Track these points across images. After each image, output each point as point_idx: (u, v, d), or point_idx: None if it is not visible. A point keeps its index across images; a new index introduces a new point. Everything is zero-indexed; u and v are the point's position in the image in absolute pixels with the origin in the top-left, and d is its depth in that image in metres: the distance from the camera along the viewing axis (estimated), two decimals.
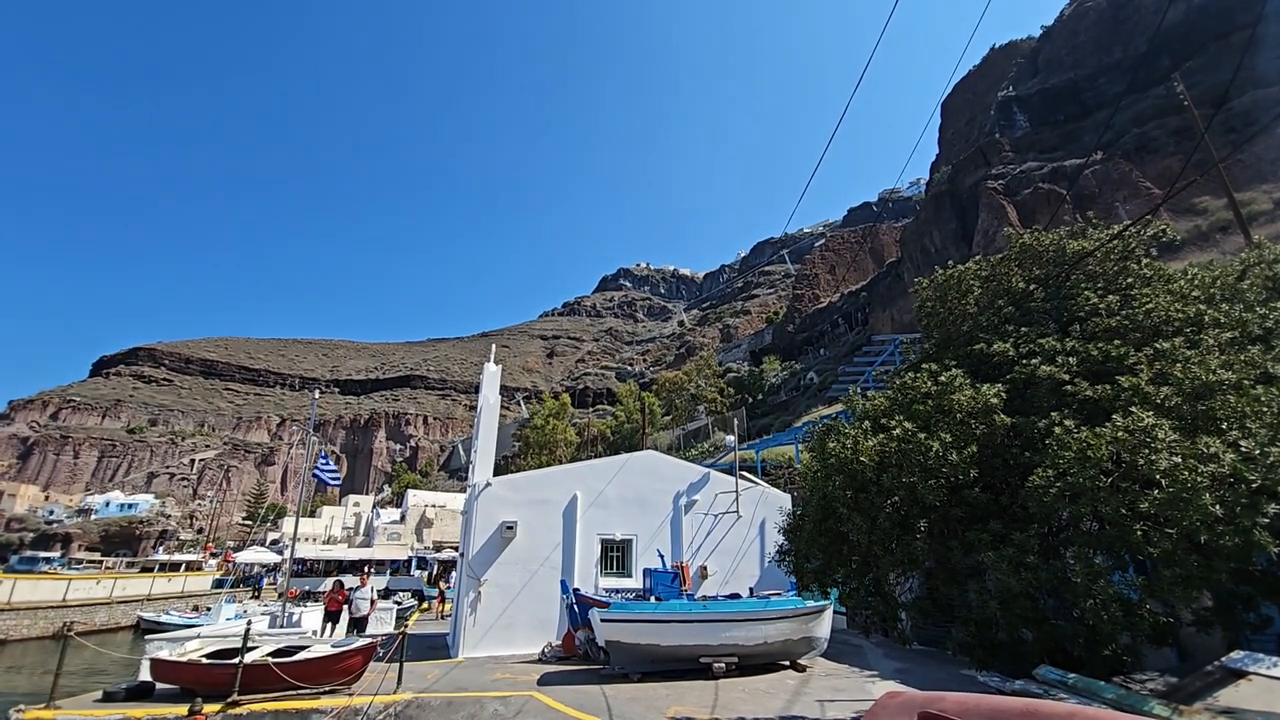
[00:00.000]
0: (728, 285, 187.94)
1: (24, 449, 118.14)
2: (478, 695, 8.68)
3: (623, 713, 7.66)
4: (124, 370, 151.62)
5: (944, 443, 7.08)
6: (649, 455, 17.11)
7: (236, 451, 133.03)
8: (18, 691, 16.64)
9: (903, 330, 40.04)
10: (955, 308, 10.65)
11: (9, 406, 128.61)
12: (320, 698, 8.55)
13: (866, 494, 7.36)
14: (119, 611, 31.50)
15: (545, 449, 50.53)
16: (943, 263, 12.42)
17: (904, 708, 3.48)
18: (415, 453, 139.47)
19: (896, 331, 40.66)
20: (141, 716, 7.87)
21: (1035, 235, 10.89)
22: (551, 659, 12.04)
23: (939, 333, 10.66)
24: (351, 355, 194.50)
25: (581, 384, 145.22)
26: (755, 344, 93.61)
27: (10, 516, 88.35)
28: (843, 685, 9.21)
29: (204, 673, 8.70)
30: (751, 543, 16.04)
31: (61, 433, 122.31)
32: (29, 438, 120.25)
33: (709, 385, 60.78)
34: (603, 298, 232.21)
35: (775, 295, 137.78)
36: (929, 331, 11.18)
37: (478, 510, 13.83)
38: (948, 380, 7.77)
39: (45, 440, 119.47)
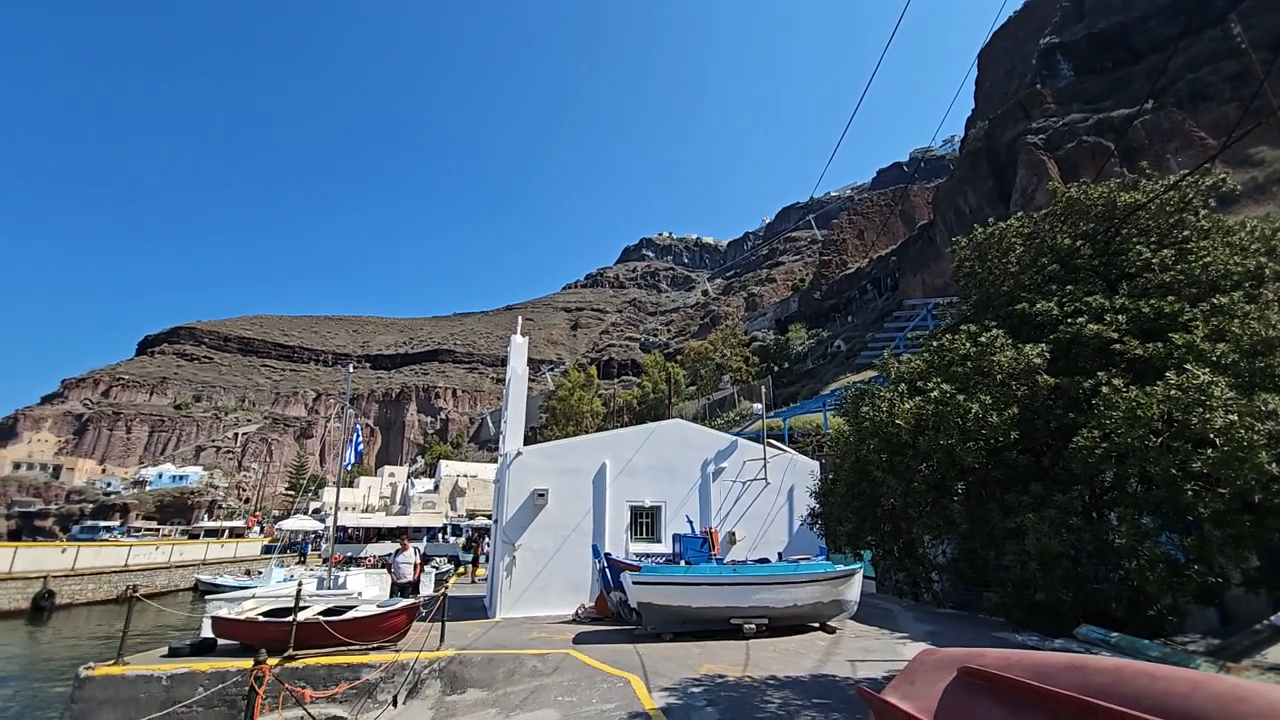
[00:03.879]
0: (752, 253, 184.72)
1: (79, 425, 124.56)
2: (516, 652, 8.99)
3: (656, 669, 7.86)
4: (167, 349, 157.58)
5: (983, 404, 6.90)
6: (676, 424, 17.16)
7: (276, 425, 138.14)
8: (86, 651, 17.90)
9: (935, 295, 38.92)
10: (996, 267, 10.26)
11: (62, 385, 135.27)
12: (369, 653, 8.97)
13: (902, 457, 7.26)
14: (177, 575, 33.47)
15: (572, 420, 51.13)
16: (977, 224, 11.92)
17: (942, 664, 3.36)
18: (445, 425, 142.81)
19: (928, 296, 39.53)
20: (206, 669, 8.37)
21: (1083, 188, 10.34)
22: (585, 619, 12.37)
23: (978, 293, 10.31)
24: (381, 331, 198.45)
25: (606, 355, 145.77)
26: (781, 312, 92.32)
27: (70, 489, 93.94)
28: (873, 646, 9.27)
29: (261, 630, 9.19)
30: (780, 509, 16.09)
31: (113, 409, 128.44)
32: (83, 414, 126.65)
33: (734, 355, 60.40)
34: (625, 268, 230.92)
35: (801, 262, 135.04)
36: (967, 293, 10.82)
37: (510, 479, 14.12)
38: (988, 341, 7.53)
39: (99, 416, 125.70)
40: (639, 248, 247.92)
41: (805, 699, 6.43)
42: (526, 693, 7.37)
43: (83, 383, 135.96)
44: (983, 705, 2.70)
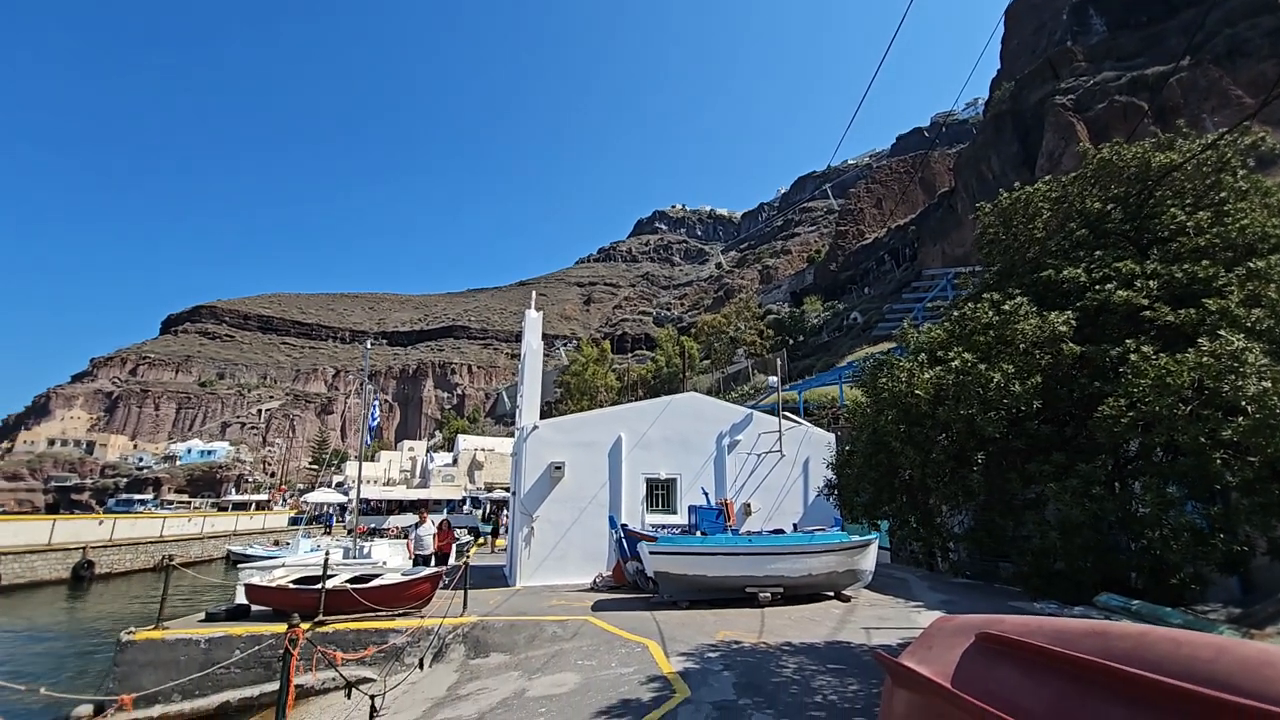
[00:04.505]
0: (767, 224, 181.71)
1: (109, 403, 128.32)
2: (537, 619, 9.23)
3: (673, 635, 8.01)
4: (190, 328, 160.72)
5: (1006, 374, 6.77)
6: (691, 397, 17.17)
7: (298, 401, 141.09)
8: (126, 616, 18.72)
9: (955, 264, 38.07)
10: (1021, 233, 9.95)
11: (91, 364, 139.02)
12: (396, 619, 9.27)
13: (921, 427, 7.19)
14: (209, 546, 34.73)
15: (586, 395, 51.46)
16: (1002, 189, 11.52)
17: (959, 630, 3.34)
18: (462, 400, 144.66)
19: (948, 266, 38.65)
20: (242, 634, 8.73)
21: (1116, 149, 9.91)
22: (603, 588, 12.62)
23: (1001, 261, 10.03)
24: (396, 308, 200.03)
25: (619, 330, 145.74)
26: (796, 284, 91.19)
27: (104, 464, 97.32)
28: (888, 615, 9.35)
29: (292, 596, 9.54)
30: (795, 480, 16.13)
31: (141, 387, 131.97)
32: (113, 392, 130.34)
33: (748, 328, 60.00)
34: (638, 242, 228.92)
35: (817, 233, 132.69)
36: (990, 260, 10.54)
37: (527, 452, 14.29)
38: (1011, 309, 7.35)
39: (128, 394, 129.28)
40: (651, 220, 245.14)
41: (820, 664, 6.52)
42: (547, 657, 7.58)
43: (111, 361, 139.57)
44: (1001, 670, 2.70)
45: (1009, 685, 2.50)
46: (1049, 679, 2.36)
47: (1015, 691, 2.44)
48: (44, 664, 13.61)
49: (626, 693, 5.79)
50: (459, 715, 5.87)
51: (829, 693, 5.59)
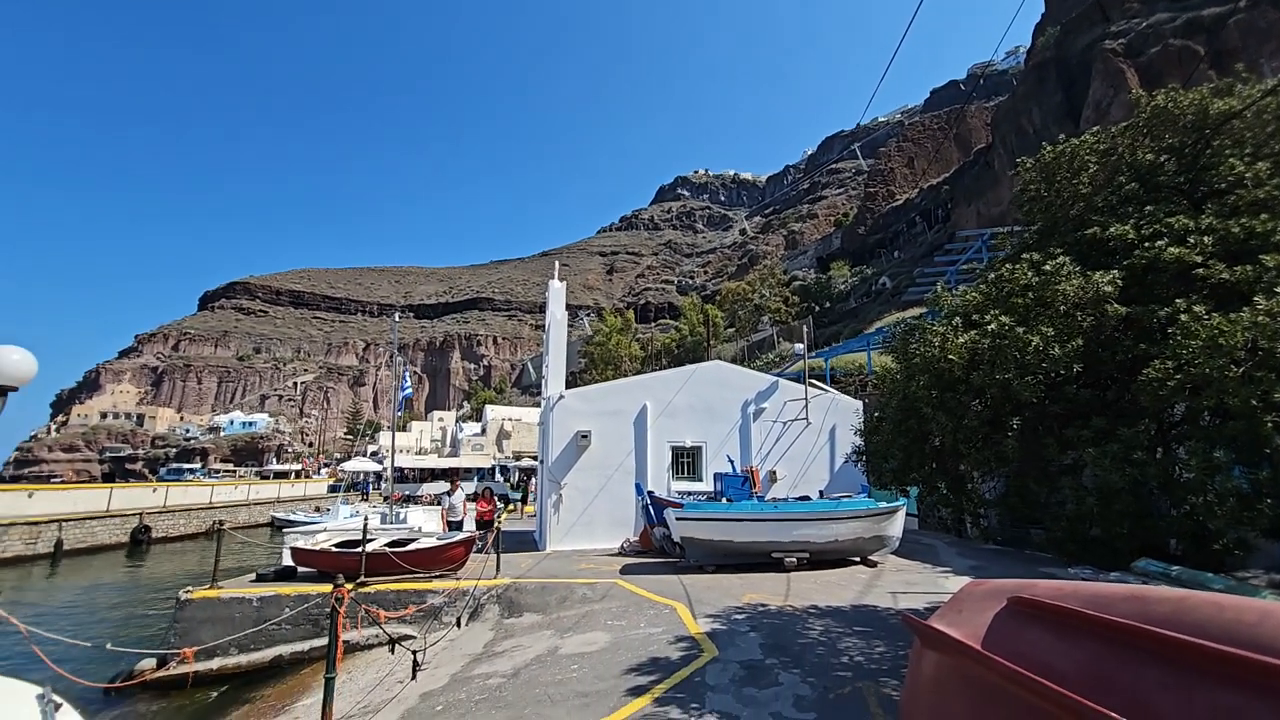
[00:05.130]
0: (792, 187, 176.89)
1: (155, 377, 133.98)
2: (567, 581, 9.51)
3: (700, 598, 8.18)
4: (225, 304, 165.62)
5: (1045, 337, 6.54)
6: (716, 365, 17.12)
7: (331, 374, 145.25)
8: (183, 577, 19.88)
9: (991, 225, 36.61)
10: (1065, 189, 9.44)
11: (136, 340, 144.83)
12: (433, 581, 9.66)
13: (954, 393, 7.03)
14: (255, 512, 36.49)
15: (610, 365, 51.66)
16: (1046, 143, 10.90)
17: (991, 594, 3.30)
18: (488, 371, 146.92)
19: (983, 227, 37.18)
20: (291, 593, 9.21)
21: (1171, 96, 9.25)
22: (630, 553, 12.91)
23: (1043, 219, 9.56)
24: (421, 280, 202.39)
25: (642, 299, 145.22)
26: (822, 250, 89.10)
27: (154, 435, 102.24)
28: (915, 580, 9.36)
29: (335, 559, 10.01)
30: (821, 448, 16.07)
31: (184, 362, 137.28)
32: (158, 367, 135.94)
33: (773, 295, 59.10)
34: (660, 209, 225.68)
35: (845, 195, 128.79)
36: (1030, 218, 10.06)
37: (553, 421, 14.50)
38: (1053, 270, 7.04)
39: (172, 369, 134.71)
40: (674, 187, 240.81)
41: (846, 627, 6.59)
42: (578, 617, 7.82)
43: (154, 337, 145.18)
44: (1034, 633, 2.67)
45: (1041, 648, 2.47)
46: (1084, 642, 2.32)
47: (1048, 654, 2.41)
48: (109, 621, 14.62)
49: (656, 651, 5.96)
50: (496, 670, 6.13)
51: (855, 654, 5.66)
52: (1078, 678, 2.14)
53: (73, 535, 24.12)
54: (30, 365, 3.99)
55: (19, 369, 3.92)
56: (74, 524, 24.40)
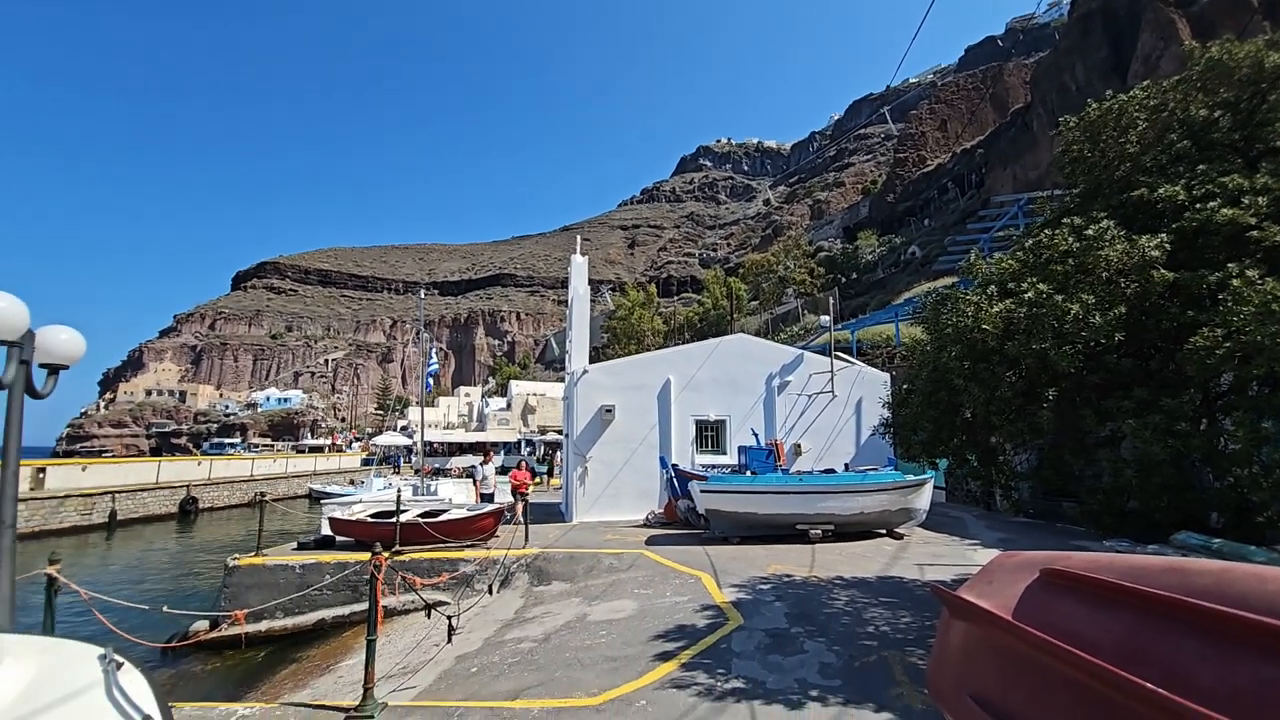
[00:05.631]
0: (818, 155, 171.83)
1: (194, 355, 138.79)
2: (594, 551, 9.71)
3: (725, 568, 8.28)
4: (257, 283, 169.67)
5: (1085, 305, 6.28)
6: (740, 339, 17.00)
7: (360, 351, 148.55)
8: (229, 545, 20.87)
9: (1028, 189, 35.07)
10: (1110, 148, 8.94)
11: (175, 320, 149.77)
12: (464, 550, 9.97)
13: (987, 364, 6.85)
14: (294, 484, 37.97)
15: (633, 339, 51.70)
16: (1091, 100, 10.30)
17: (1023, 566, 3.25)
18: (512, 347, 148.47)
19: (1020, 191, 35.64)
20: (330, 560, 9.62)
21: (1225, 47, 8.64)
22: (655, 524, 13.10)
23: (1086, 181, 9.10)
24: (445, 258, 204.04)
25: (664, 273, 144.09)
26: (849, 219, 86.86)
27: (196, 411, 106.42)
28: (942, 552, 9.32)
29: (371, 528, 10.40)
30: (847, 421, 15.94)
31: (220, 340, 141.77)
32: (196, 345, 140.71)
33: (798, 266, 58.09)
34: (682, 181, 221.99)
35: (873, 162, 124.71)
36: (1073, 180, 9.58)
37: (578, 395, 14.63)
38: (1095, 234, 6.72)
39: (209, 347, 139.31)
40: (695, 157, 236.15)
41: (872, 597, 6.62)
42: (605, 585, 8.01)
43: (191, 317, 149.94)
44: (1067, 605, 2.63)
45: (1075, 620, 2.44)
46: (1120, 614, 2.28)
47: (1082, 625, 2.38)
48: (163, 586, 15.48)
49: (682, 619, 6.08)
50: (527, 635, 6.34)
51: (881, 624, 5.69)
52: (1112, 649, 2.11)
53: (125, 506, 25.46)
54: (79, 345, 4.16)
55: (68, 348, 4.08)
56: (126, 495, 25.72)
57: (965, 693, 2.71)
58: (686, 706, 4.03)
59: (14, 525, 3.77)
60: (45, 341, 3.96)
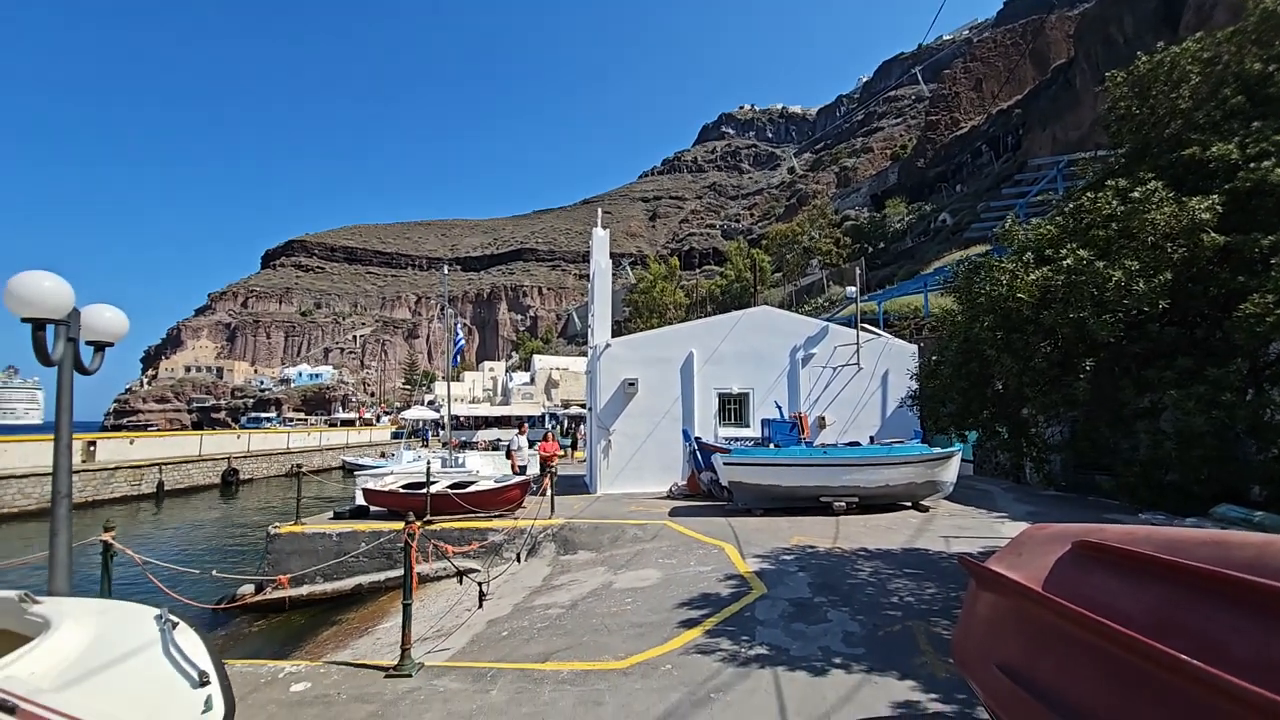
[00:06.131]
0: (845, 120, 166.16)
1: (229, 333, 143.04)
2: (618, 522, 9.88)
3: (748, 539, 8.35)
4: (285, 261, 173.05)
5: (1128, 271, 6.01)
6: (764, 311, 16.81)
7: (387, 327, 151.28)
8: (270, 513, 21.78)
9: (1068, 151, 33.45)
10: (1160, 105, 8.41)
11: (209, 298, 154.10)
12: (492, 520, 10.24)
13: (1021, 334, 6.64)
14: (327, 456, 39.28)
15: (655, 313, 51.55)
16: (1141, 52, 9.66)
17: (1055, 538, 3.18)
18: (535, 322, 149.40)
19: (1060, 153, 34.01)
20: (366, 529, 9.99)
21: None
22: (678, 496, 13.23)
23: (1132, 140, 8.60)
24: (467, 233, 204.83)
25: (686, 245, 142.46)
26: (877, 186, 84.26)
27: (233, 386, 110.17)
28: (968, 524, 9.23)
29: (402, 499, 10.74)
30: (873, 394, 15.73)
31: (253, 318, 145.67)
32: (230, 323, 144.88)
33: (823, 237, 56.84)
34: (704, 150, 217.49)
35: (903, 125, 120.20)
36: (1118, 140, 9.07)
37: (601, 369, 14.71)
38: (1142, 196, 6.38)
39: (243, 325, 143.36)
40: (718, 125, 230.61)
41: (896, 569, 6.61)
42: (630, 555, 8.16)
43: (224, 295, 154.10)
44: (1100, 577, 2.58)
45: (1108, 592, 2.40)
46: (1154, 586, 2.24)
47: (1114, 597, 2.34)
48: (210, 552, 16.29)
49: (706, 588, 6.17)
50: (555, 601, 6.53)
51: (905, 595, 5.70)
52: (1145, 621, 2.08)
53: (171, 477, 26.70)
54: (122, 323, 4.32)
55: (112, 326, 4.24)
56: (172, 467, 26.95)
57: (991, 662, 2.71)
58: (711, 671, 4.12)
59: (70, 495, 3.99)
60: (90, 320, 4.12)
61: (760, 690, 3.80)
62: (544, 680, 4.18)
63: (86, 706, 2.21)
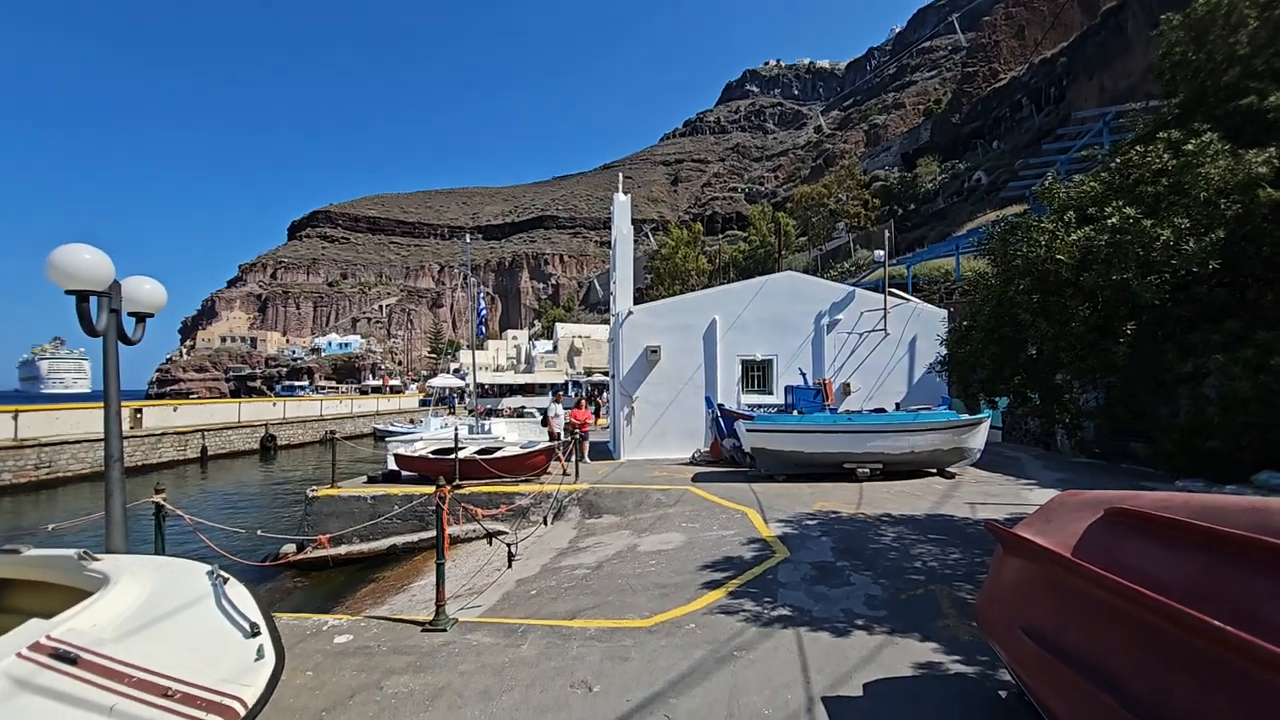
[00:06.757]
0: (876, 74, 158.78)
1: (260, 303, 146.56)
2: (642, 487, 10.03)
3: (771, 505, 8.41)
4: (310, 232, 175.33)
5: (1177, 229, 5.69)
6: (788, 276, 16.52)
7: (411, 297, 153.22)
8: (307, 478, 22.66)
9: (1116, 102, 31.53)
10: (1218, 50, 7.82)
11: (239, 270, 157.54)
12: (519, 484, 10.50)
13: (1059, 297, 6.39)
14: (359, 424, 40.49)
15: (677, 279, 51.06)
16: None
17: (1086, 505, 3.12)
18: (556, 290, 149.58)
19: (1106, 105, 32.07)
20: (398, 493, 10.35)
21: None
22: (701, 462, 13.35)
23: (1187, 89, 8.04)
24: (487, 201, 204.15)
25: (709, 209, 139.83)
26: (908, 144, 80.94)
27: (266, 356, 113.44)
28: (995, 491, 9.13)
29: (432, 464, 11.07)
30: (899, 360, 15.49)
31: (283, 289, 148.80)
32: (261, 294, 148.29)
33: (851, 199, 55.11)
34: (727, 110, 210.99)
35: (938, 78, 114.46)
36: (1172, 89, 8.49)
37: (623, 337, 14.72)
38: (1195, 149, 5.98)
39: (273, 295, 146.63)
40: (741, 83, 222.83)
41: (920, 534, 6.61)
42: (654, 519, 8.31)
43: (254, 267, 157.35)
44: (1134, 544, 2.54)
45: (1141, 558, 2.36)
46: (1190, 553, 2.19)
47: (1148, 564, 2.30)
48: (254, 513, 17.08)
49: (729, 551, 6.27)
50: (581, 563, 6.71)
51: (929, 560, 5.71)
52: (1180, 588, 2.04)
53: (214, 443, 27.88)
54: (161, 294, 4.45)
55: (152, 297, 4.37)
56: (213, 433, 28.11)
57: (1016, 626, 2.71)
58: (734, 630, 4.22)
59: (121, 459, 4.20)
60: (131, 291, 4.26)
61: (782, 649, 3.88)
62: (572, 636, 4.33)
63: (146, 655, 2.37)
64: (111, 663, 2.28)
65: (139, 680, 2.22)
